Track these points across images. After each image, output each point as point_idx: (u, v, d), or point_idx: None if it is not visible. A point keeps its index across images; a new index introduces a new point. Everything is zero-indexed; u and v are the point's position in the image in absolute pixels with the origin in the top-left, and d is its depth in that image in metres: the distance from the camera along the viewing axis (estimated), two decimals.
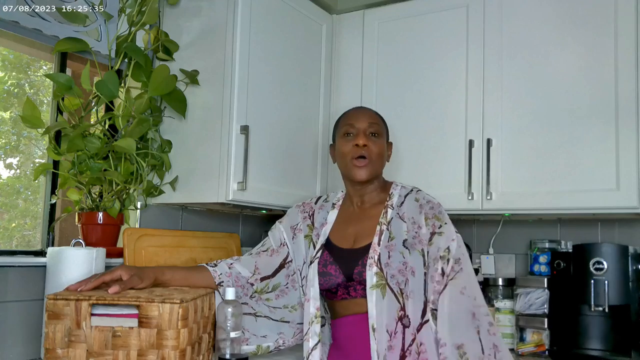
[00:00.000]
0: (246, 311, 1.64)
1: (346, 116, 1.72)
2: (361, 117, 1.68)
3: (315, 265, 1.64)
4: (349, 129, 1.67)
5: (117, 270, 1.43)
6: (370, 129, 1.66)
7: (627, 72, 1.88)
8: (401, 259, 1.56)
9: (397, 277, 1.54)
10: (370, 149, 1.64)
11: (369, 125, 1.66)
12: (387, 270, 1.55)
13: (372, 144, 1.64)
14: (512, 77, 2.05)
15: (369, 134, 1.65)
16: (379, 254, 1.57)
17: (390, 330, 1.51)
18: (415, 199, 1.65)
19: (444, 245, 1.55)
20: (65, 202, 1.83)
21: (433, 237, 1.57)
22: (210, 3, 1.98)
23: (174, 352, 1.26)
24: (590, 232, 2.23)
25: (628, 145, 1.86)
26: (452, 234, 1.57)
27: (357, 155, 1.63)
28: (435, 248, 1.55)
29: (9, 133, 1.94)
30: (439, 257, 1.54)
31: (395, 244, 1.58)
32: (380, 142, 1.67)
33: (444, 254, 1.54)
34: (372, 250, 1.58)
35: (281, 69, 2.10)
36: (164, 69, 1.84)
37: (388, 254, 1.57)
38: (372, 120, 1.68)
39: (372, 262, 1.56)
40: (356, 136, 1.65)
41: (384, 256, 1.56)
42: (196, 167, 1.94)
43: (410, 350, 1.51)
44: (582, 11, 1.97)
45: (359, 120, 1.67)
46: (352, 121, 1.68)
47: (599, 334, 1.94)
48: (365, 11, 2.36)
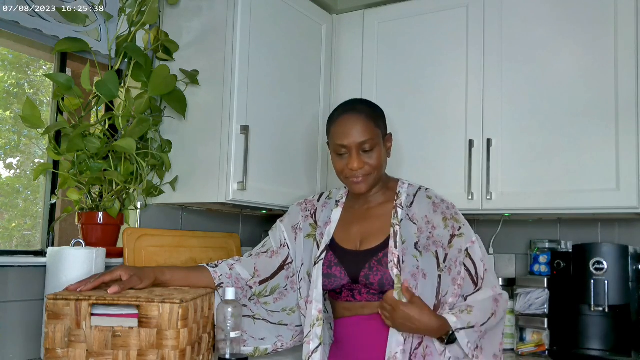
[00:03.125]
0: (245, 313, 1.63)
1: (337, 129, 1.58)
2: (351, 132, 1.55)
3: (320, 266, 1.60)
4: (340, 149, 1.57)
5: (117, 270, 1.42)
6: (362, 145, 1.55)
7: (627, 72, 1.88)
8: (415, 262, 1.53)
9: (410, 281, 1.51)
10: (366, 168, 1.56)
11: (361, 143, 1.54)
12: (402, 275, 1.52)
13: (368, 159, 1.56)
14: (512, 77, 2.05)
15: (362, 150, 1.56)
16: (397, 256, 1.53)
17: (404, 334, 1.50)
18: (428, 196, 1.62)
19: (464, 246, 1.56)
20: (65, 202, 1.83)
21: (453, 239, 1.56)
22: (210, 3, 1.98)
23: (174, 352, 1.27)
24: (590, 232, 2.23)
25: (628, 145, 1.86)
26: (472, 235, 1.58)
27: (353, 176, 1.57)
28: (456, 250, 1.56)
29: (9, 133, 1.94)
30: (461, 262, 1.56)
31: (407, 247, 1.55)
32: (376, 154, 1.57)
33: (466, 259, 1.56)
34: (390, 254, 1.54)
35: (281, 69, 2.10)
36: (164, 69, 1.84)
37: (402, 257, 1.53)
38: (363, 131, 1.54)
39: (393, 265, 1.52)
40: (349, 157, 1.55)
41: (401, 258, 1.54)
42: (196, 167, 1.94)
43: (417, 353, 1.50)
44: (582, 11, 1.96)
45: (349, 136, 1.54)
46: (342, 140, 1.55)
47: (599, 334, 1.94)
48: (365, 11, 2.36)
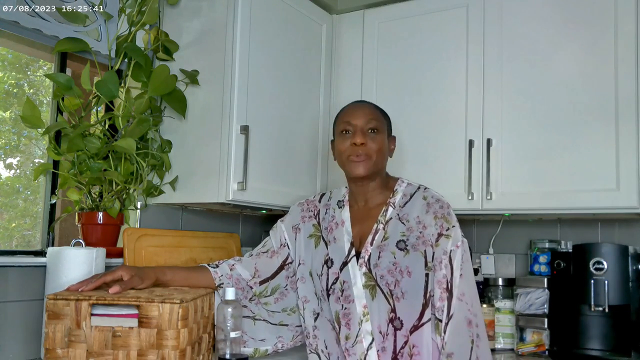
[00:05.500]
0: (245, 314, 1.63)
1: (344, 112, 1.64)
2: (359, 113, 1.60)
3: (354, 264, 1.56)
4: (346, 127, 1.59)
5: (118, 270, 1.43)
6: (368, 125, 1.58)
7: (627, 72, 1.87)
8: (392, 259, 1.52)
9: (387, 278, 1.51)
10: (369, 147, 1.56)
11: (367, 122, 1.58)
12: (376, 271, 1.53)
13: (371, 141, 1.57)
14: (512, 77, 2.05)
15: (368, 130, 1.57)
16: (370, 254, 1.55)
17: (382, 332, 1.50)
18: (423, 197, 1.60)
19: (448, 249, 1.51)
20: (65, 202, 1.83)
21: (440, 238, 1.52)
22: (210, 3, 1.98)
23: (174, 352, 1.26)
24: (590, 232, 2.23)
25: (628, 145, 1.86)
26: (459, 238, 1.52)
27: (355, 154, 1.56)
28: (441, 250, 1.51)
29: (9, 133, 1.94)
30: (443, 265, 1.50)
31: (388, 244, 1.54)
32: (379, 138, 1.58)
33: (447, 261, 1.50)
34: (363, 250, 1.56)
35: (281, 69, 2.10)
36: (164, 69, 1.84)
37: (379, 254, 1.54)
38: (371, 115, 1.59)
39: (362, 262, 1.55)
40: (354, 134, 1.57)
41: (374, 256, 1.54)
42: (196, 167, 1.94)
43: (403, 352, 1.49)
44: (582, 11, 1.96)
45: (357, 116, 1.59)
46: (349, 118, 1.59)
47: (599, 334, 1.94)
48: (365, 11, 2.36)
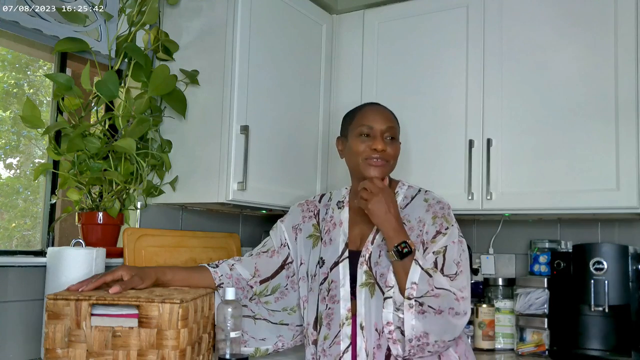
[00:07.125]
0: (245, 313, 1.63)
1: (363, 114, 1.64)
2: (379, 118, 1.61)
3: (346, 264, 1.60)
4: (366, 130, 1.60)
5: (118, 270, 1.43)
6: (388, 131, 1.60)
7: (627, 72, 1.88)
8: None
9: (387, 277, 1.52)
10: (388, 152, 1.59)
11: (387, 129, 1.60)
12: (377, 270, 1.54)
13: (389, 147, 1.60)
14: (512, 77, 2.05)
15: (387, 136, 1.60)
16: (371, 252, 1.56)
17: (379, 330, 1.50)
18: (425, 199, 1.62)
19: (443, 244, 1.53)
20: (65, 202, 1.83)
21: (437, 235, 1.55)
22: (210, 3, 1.98)
23: (174, 352, 1.27)
24: (590, 232, 2.23)
25: (628, 145, 1.86)
26: (455, 236, 1.55)
27: (374, 157, 1.58)
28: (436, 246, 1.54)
29: (9, 133, 1.94)
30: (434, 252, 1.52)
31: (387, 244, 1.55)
32: (396, 145, 1.63)
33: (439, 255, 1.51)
34: (364, 249, 1.57)
35: (281, 69, 2.10)
36: (164, 69, 1.84)
37: (379, 252, 1.55)
38: (390, 123, 1.62)
39: (363, 260, 1.56)
40: (374, 139, 1.59)
41: (374, 255, 1.56)
42: (196, 167, 1.94)
43: None
44: (582, 11, 1.96)
45: (377, 121, 1.60)
46: (370, 122, 1.60)
47: (599, 334, 1.94)
48: (365, 11, 2.36)
